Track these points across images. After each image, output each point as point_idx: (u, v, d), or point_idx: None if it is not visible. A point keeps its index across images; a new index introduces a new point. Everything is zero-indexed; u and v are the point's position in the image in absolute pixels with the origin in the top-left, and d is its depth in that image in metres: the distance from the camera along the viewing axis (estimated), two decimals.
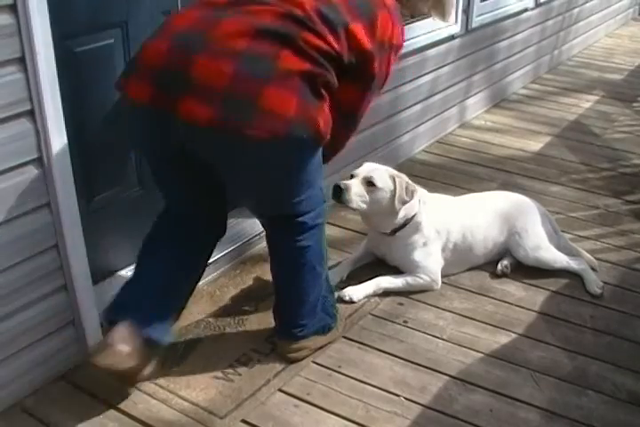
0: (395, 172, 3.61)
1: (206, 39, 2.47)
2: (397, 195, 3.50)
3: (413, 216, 3.65)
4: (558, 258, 3.83)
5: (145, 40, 2.63)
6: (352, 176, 3.56)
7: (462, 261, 3.86)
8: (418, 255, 3.68)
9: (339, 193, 3.46)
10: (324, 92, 2.60)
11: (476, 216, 3.86)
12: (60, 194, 2.79)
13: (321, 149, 2.75)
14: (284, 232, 2.94)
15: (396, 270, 3.76)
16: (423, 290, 3.70)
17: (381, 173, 3.54)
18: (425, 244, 3.69)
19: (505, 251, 3.92)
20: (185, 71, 2.45)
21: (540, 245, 3.84)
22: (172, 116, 2.49)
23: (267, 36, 2.48)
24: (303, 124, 2.53)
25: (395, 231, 3.67)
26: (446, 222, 3.74)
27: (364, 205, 3.52)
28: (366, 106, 2.97)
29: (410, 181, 3.60)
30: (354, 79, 2.76)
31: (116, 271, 3.58)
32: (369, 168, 3.59)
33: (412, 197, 3.57)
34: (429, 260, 3.69)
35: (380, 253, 3.86)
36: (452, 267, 3.83)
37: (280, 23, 2.51)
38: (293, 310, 3.14)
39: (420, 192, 3.70)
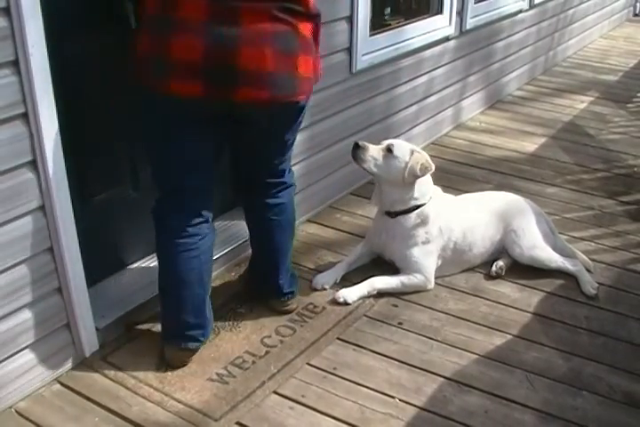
0: (418, 148, 3.66)
1: (237, 29, 2.65)
2: (410, 165, 3.53)
3: (422, 205, 3.66)
4: (553, 258, 3.84)
5: (158, 36, 2.69)
6: (380, 143, 3.64)
7: (461, 261, 3.87)
8: (417, 252, 3.68)
9: (356, 151, 3.57)
10: None
11: (476, 215, 3.88)
12: (55, 197, 2.79)
13: None
14: (270, 193, 3.26)
15: (390, 271, 3.76)
16: (417, 290, 3.71)
17: (403, 145, 3.62)
18: (427, 240, 3.69)
19: (501, 250, 3.92)
20: (233, 63, 2.66)
21: (536, 244, 3.85)
22: (228, 103, 2.76)
23: (281, 13, 2.71)
24: (316, 79, 3.01)
25: (398, 214, 3.67)
26: (449, 221, 3.75)
27: (376, 169, 3.59)
28: None
29: (429, 160, 3.63)
30: None
31: (111, 274, 3.57)
32: (395, 140, 3.70)
33: (425, 172, 3.59)
34: (427, 259, 3.70)
35: (379, 245, 3.85)
36: (450, 267, 3.85)
37: None
38: (287, 268, 3.49)
39: (435, 189, 3.74)
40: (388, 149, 3.57)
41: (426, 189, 3.66)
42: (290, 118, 3.03)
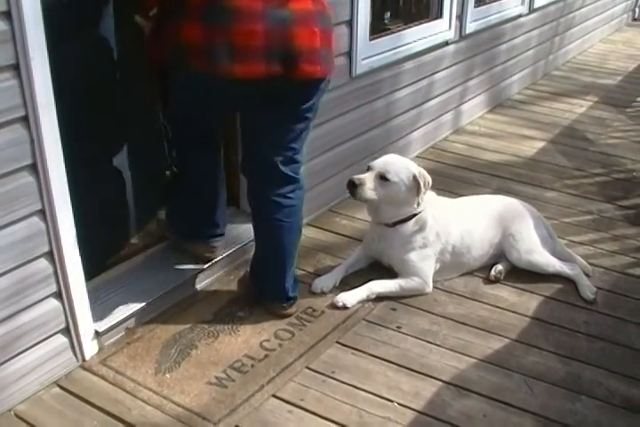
0: (414, 168, 3.63)
1: (288, 11, 2.92)
2: (422, 192, 3.56)
3: (420, 212, 3.67)
4: (551, 262, 3.84)
5: (216, 24, 2.88)
6: (368, 168, 3.63)
7: (460, 265, 3.87)
8: (414, 256, 3.69)
9: (352, 188, 3.56)
10: None
11: (474, 218, 3.89)
12: (55, 200, 2.79)
13: None
14: (284, 192, 3.33)
15: (388, 275, 3.76)
16: (415, 294, 3.71)
17: (396, 168, 3.59)
18: (424, 245, 3.70)
19: (499, 254, 3.92)
20: (291, 43, 2.93)
21: (534, 249, 3.85)
22: (284, 81, 3.00)
23: None
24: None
25: (396, 223, 3.68)
26: (447, 225, 3.75)
27: (377, 197, 3.59)
28: None
29: (426, 174, 3.63)
30: None
31: (111, 277, 3.58)
32: (386, 161, 3.66)
33: (428, 189, 3.62)
34: (425, 262, 3.70)
35: (377, 250, 3.86)
36: (449, 270, 3.85)
37: None
38: (293, 272, 3.55)
39: (430, 194, 3.73)
40: (383, 177, 3.56)
41: (422, 198, 3.65)
42: (318, 94, 3.22)
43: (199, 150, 3.47)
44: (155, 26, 3.16)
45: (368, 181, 3.56)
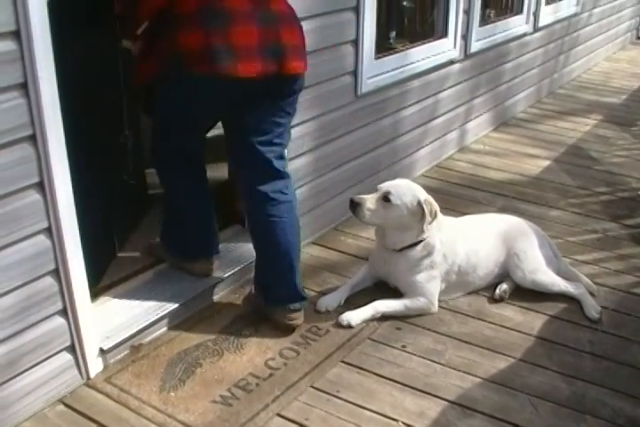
0: (422, 194, 3.63)
1: (271, 12, 3.11)
2: (427, 219, 3.55)
3: (426, 238, 3.67)
4: (556, 282, 3.84)
5: (215, 27, 2.98)
6: (377, 190, 3.63)
7: (465, 284, 3.87)
8: (421, 277, 3.69)
9: (353, 207, 3.58)
10: None
11: (479, 237, 3.89)
12: (61, 218, 2.80)
13: None
14: (278, 187, 3.41)
15: (394, 295, 3.76)
16: (420, 314, 3.71)
17: (401, 191, 3.59)
18: (430, 267, 3.70)
19: (504, 273, 3.92)
20: (280, 41, 3.11)
21: (538, 268, 3.85)
22: (276, 77, 3.16)
23: None
24: None
25: (403, 249, 3.68)
26: (453, 245, 3.75)
27: (377, 221, 3.61)
28: None
29: (434, 203, 3.63)
30: None
31: (117, 294, 3.59)
32: (393, 183, 3.66)
33: (435, 218, 3.61)
34: (431, 283, 3.70)
35: (382, 272, 3.86)
36: (455, 290, 3.85)
37: None
38: (299, 266, 3.56)
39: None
40: (386, 198, 3.57)
41: (427, 227, 3.64)
42: (299, 88, 3.38)
43: (189, 173, 3.59)
44: (145, 42, 3.26)
45: (369, 201, 3.57)
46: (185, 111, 3.29)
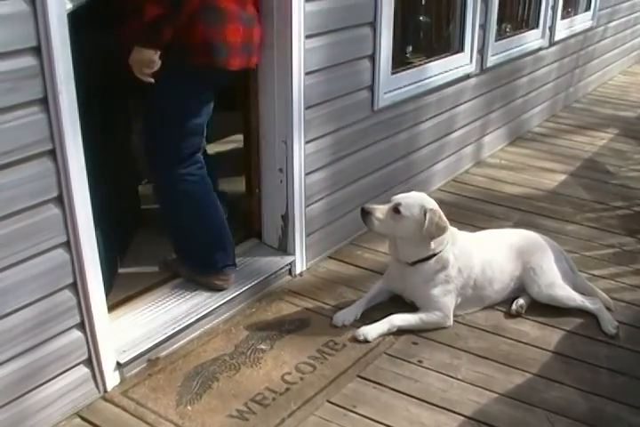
0: (430, 205, 3.63)
1: (249, 13, 3.47)
2: (426, 228, 3.54)
3: (440, 252, 3.66)
4: (572, 296, 3.83)
5: (214, 24, 3.28)
6: (391, 201, 3.64)
7: (481, 298, 3.86)
8: (437, 291, 3.68)
9: (364, 216, 3.62)
10: None
11: (494, 251, 3.88)
12: (80, 231, 2.82)
13: None
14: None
15: (409, 309, 3.76)
16: (436, 327, 3.71)
17: (411, 202, 3.59)
18: (446, 282, 3.69)
19: (520, 288, 3.91)
20: (252, 39, 3.51)
21: (555, 283, 3.84)
22: (243, 70, 3.57)
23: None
24: None
25: (416, 262, 3.68)
26: (468, 259, 3.75)
27: (385, 231, 3.63)
28: None
29: (443, 217, 3.62)
30: None
31: (134, 309, 3.60)
32: (406, 195, 3.67)
33: (442, 233, 3.60)
34: (447, 297, 3.70)
35: (398, 287, 3.85)
36: (470, 304, 3.84)
37: None
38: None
39: (451, 231, 3.71)
40: (396, 210, 3.57)
41: (442, 238, 3.64)
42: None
43: (193, 169, 3.64)
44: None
45: (379, 211, 3.58)
46: (184, 102, 3.48)
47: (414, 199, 3.63)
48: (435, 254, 3.66)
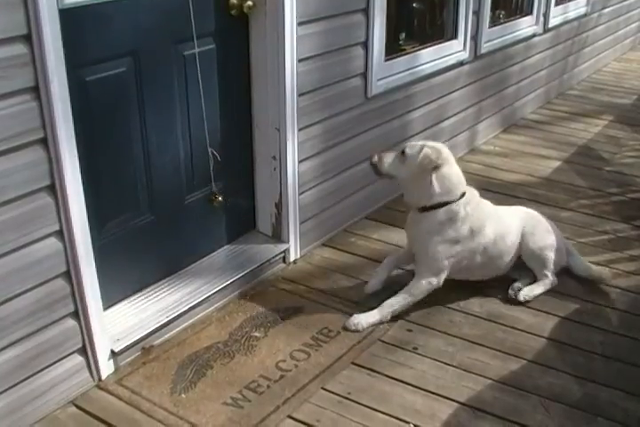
0: (433, 143, 3.64)
1: None
2: (419, 161, 3.51)
3: (449, 203, 3.61)
4: (551, 267, 3.93)
5: None
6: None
7: (490, 266, 3.87)
8: (441, 248, 3.64)
9: (372, 165, 3.68)
10: None
11: (510, 224, 3.89)
12: (73, 220, 2.81)
13: None
14: None
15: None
16: (428, 294, 3.70)
17: (416, 143, 3.63)
18: (455, 240, 3.65)
19: (516, 263, 3.95)
20: None
21: (547, 245, 3.92)
22: None
23: None
24: None
25: (424, 209, 3.65)
26: (482, 224, 3.70)
27: (393, 172, 3.63)
28: None
29: (442, 156, 3.57)
30: None
31: (128, 297, 3.59)
32: (415, 142, 3.70)
33: (431, 165, 3.52)
34: (446, 258, 3.66)
35: (409, 235, 3.85)
36: (478, 271, 3.86)
37: None
38: None
39: (470, 190, 3.70)
40: (403, 152, 3.59)
41: (450, 185, 3.59)
42: None
43: None
44: None
45: (387, 156, 3.63)
46: None
47: (422, 142, 3.65)
48: (445, 204, 3.62)
